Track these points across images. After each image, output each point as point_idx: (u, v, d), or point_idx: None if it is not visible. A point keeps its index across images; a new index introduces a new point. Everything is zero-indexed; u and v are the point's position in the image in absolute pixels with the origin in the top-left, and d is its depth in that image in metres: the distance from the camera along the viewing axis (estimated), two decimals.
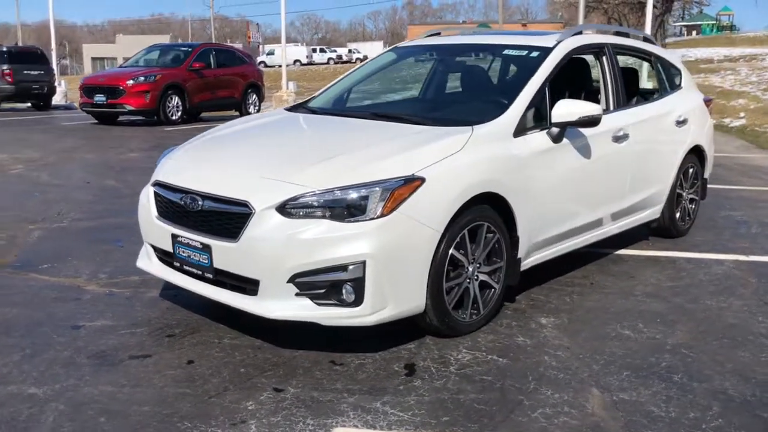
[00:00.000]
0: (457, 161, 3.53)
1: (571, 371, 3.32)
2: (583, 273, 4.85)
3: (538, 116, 4.18)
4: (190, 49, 16.44)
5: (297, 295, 3.24)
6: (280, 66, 27.93)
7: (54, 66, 24.75)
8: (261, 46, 73.14)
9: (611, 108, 4.83)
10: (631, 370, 3.34)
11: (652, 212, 5.40)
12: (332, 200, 3.23)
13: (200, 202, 3.47)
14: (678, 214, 5.70)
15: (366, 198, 3.22)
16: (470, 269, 3.68)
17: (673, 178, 5.46)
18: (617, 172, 4.73)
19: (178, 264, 3.66)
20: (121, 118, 15.68)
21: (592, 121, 4.10)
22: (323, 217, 3.21)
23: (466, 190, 3.50)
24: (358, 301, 3.22)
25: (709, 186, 6.29)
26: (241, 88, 17.35)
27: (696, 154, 5.79)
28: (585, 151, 4.35)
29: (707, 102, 6.03)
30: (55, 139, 12.92)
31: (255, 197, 3.29)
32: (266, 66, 57.90)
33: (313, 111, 4.69)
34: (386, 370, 3.31)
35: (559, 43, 4.53)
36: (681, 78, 5.84)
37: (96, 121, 15.96)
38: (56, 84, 22.53)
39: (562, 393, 3.10)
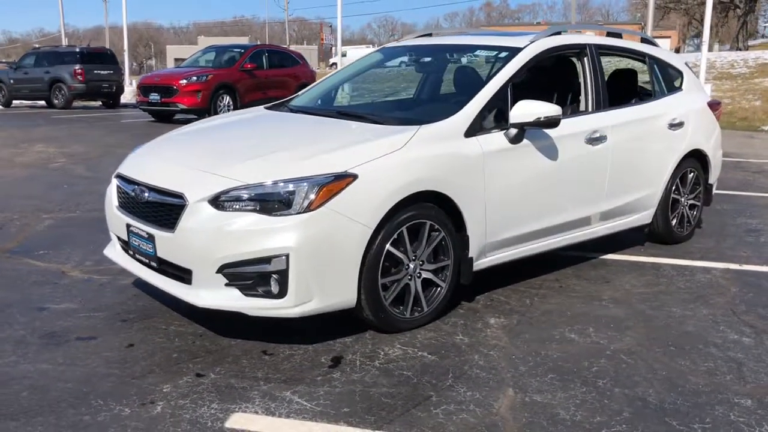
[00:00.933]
0: (395, 159, 3.57)
1: (496, 371, 3.32)
2: (557, 276, 4.79)
3: (498, 117, 4.17)
4: (243, 51, 16.90)
5: (226, 285, 3.36)
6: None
7: (126, 66, 25.93)
8: (334, 48, 74.29)
9: (590, 109, 4.75)
10: (558, 373, 3.31)
11: (642, 216, 5.27)
12: (261, 194, 3.33)
13: (146, 194, 3.64)
14: (675, 220, 5.54)
15: (293, 193, 3.31)
16: (411, 266, 3.71)
17: (665, 182, 5.31)
18: (592, 175, 4.65)
19: (131, 252, 3.85)
20: (177, 116, 16.27)
21: (551, 123, 4.06)
22: (252, 210, 3.32)
23: (403, 187, 3.53)
24: (282, 293, 3.31)
25: (737, 192, 6.08)
26: (293, 89, 17.64)
27: (697, 158, 5.60)
28: (550, 152, 4.30)
29: (714, 106, 5.83)
30: (107, 135, 13.56)
31: (190, 190, 3.43)
32: (336, 66, 58.74)
33: (291, 109, 4.80)
34: (312, 361, 3.39)
35: (530, 44, 4.49)
36: (682, 80, 5.66)
37: (153, 119, 16.62)
38: (125, 83, 23.56)
39: (475, 392, 3.11)
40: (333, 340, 3.64)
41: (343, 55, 70.75)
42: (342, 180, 3.39)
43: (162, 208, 3.54)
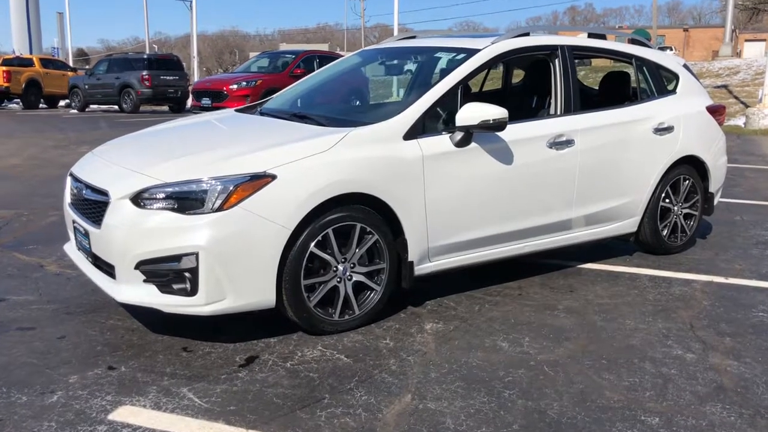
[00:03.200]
0: (319, 161, 3.56)
1: (404, 377, 3.26)
2: (522, 283, 4.66)
3: (447, 120, 4.10)
4: (294, 57, 17.21)
5: (145, 281, 3.43)
6: None
7: (194, 72, 26.85)
8: None
9: (558, 112, 4.60)
10: (467, 381, 3.22)
11: (625, 225, 5.05)
12: (177, 192, 3.39)
13: (84, 191, 3.76)
14: (666, 230, 5.29)
15: (206, 192, 3.35)
16: (340, 268, 3.69)
17: (651, 190, 5.08)
18: (556, 180, 4.50)
19: (77, 247, 3.99)
20: None
21: (497, 126, 3.96)
22: (169, 208, 3.38)
23: (326, 189, 3.52)
24: (194, 291, 3.36)
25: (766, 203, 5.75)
26: None
27: (692, 165, 5.33)
28: (503, 156, 4.19)
29: (714, 110, 5.53)
30: None
31: (114, 187, 3.53)
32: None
33: (261, 111, 4.86)
34: (226, 359, 3.42)
35: (489, 45, 4.40)
36: (677, 83, 5.40)
37: None
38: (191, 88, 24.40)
39: (371, 396, 3.06)
40: (258, 339, 3.66)
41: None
42: (258, 180, 3.41)
43: (94, 205, 3.65)
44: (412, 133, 3.90)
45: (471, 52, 4.35)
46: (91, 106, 24.69)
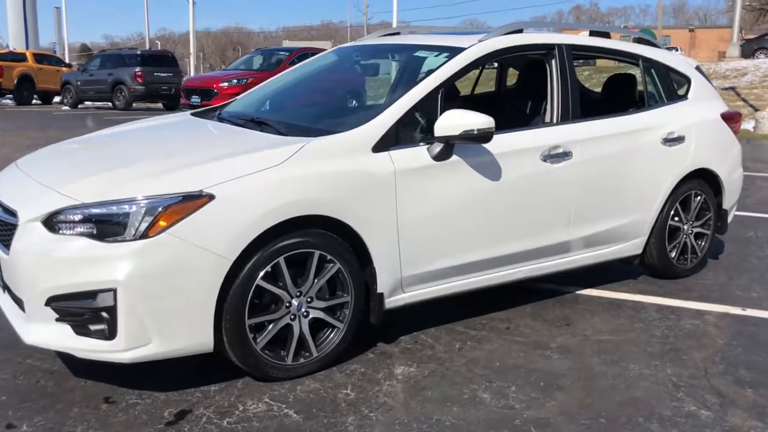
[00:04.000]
0: (268, 177, 3.01)
1: None
2: (510, 314, 4.10)
3: (425, 129, 3.55)
4: (288, 54, 16.66)
5: (58, 320, 2.89)
6: None
7: (190, 69, 26.30)
8: None
9: (554, 120, 4.04)
10: None
11: (628, 246, 4.49)
12: (95, 215, 2.84)
13: None
14: (674, 251, 4.73)
15: (128, 215, 2.81)
16: (294, 304, 3.14)
17: (659, 207, 4.52)
18: (551, 197, 3.94)
19: None
20: None
21: (481, 137, 3.41)
22: (86, 234, 2.83)
23: (276, 211, 2.98)
24: (112, 333, 2.81)
25: None
26: None
27: (705, 179, 4.77)
28: (489, 170, 3.64)
29: (730, 117, 4.96)
30: None
31: (24, 207, 2.99)
32: None
33: (219, 115, 4.30)
34: (153, 414, 2.87)
35: (476, 44, 3.84)
36: (689, 87, 4.84)
37: None
38: None
39: None
40: (196, 387, 3.11)
41: None
42: (193, 201, 2.86)
43: (4, 227, 3.11)
44: (383, 145, 3.35)
45: (455, 52, 3.80)
46: (86, 103, 24.18)
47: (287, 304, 3.13)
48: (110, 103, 22.67)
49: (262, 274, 3.01)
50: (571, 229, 4.09)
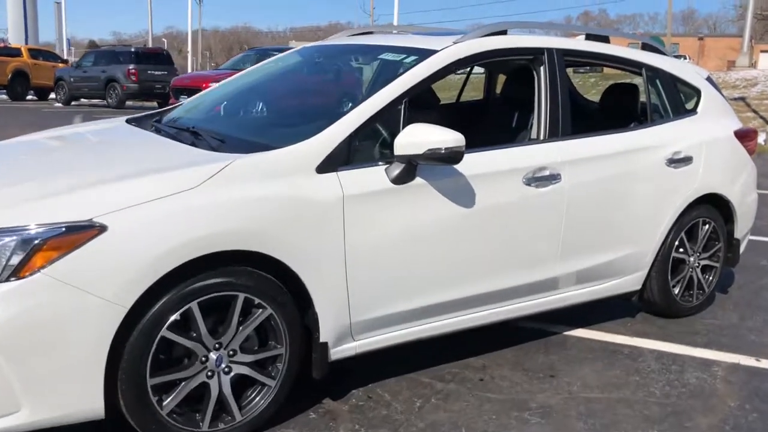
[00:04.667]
0: (179, 203, 2.45)
1: None
2: (487, 360, 3.53)
3: (383, 145, 2.99)
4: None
5: None
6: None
7: (189, 68, 25.78)
8: None
9: (541, 136, 3.47)
10: None
11: (626, 282, 3.92)
12: None
13: None
14: (678, 287, 4.15)
15: None
16: (212, 357, 2.58)
17: (662, 237, 3.94)
18: (534, 227, 3.37)
19: None
20: None
21: (450, 157, 2.84)
22: None
23: (187, 246, 2.41)
24: None
25: None
26: None
27: (714, 204, 4.19)
28: (461, 196, 3.07)
29: (744, 135, 4.38)
30: None
31: None
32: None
33: (157, 122, 3.73)
34: None
35: (450, 46, 3.27)
36: (698, 100, 4.26)
37: None
38: None
39: None
40: None
41: None
42: (79, 233, 2.30)
43: None
44: (331, 164, 2.79)
45: (424, 54, 3.23)
46: (82, 100, 23.65)
47: (203, 359, 2.57)
48: (104, 101, 22.16)
49: (169, 322, 2.45)
50: (559, 264, 3.52)
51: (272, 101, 3.73)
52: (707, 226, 4.19)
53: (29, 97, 25.67)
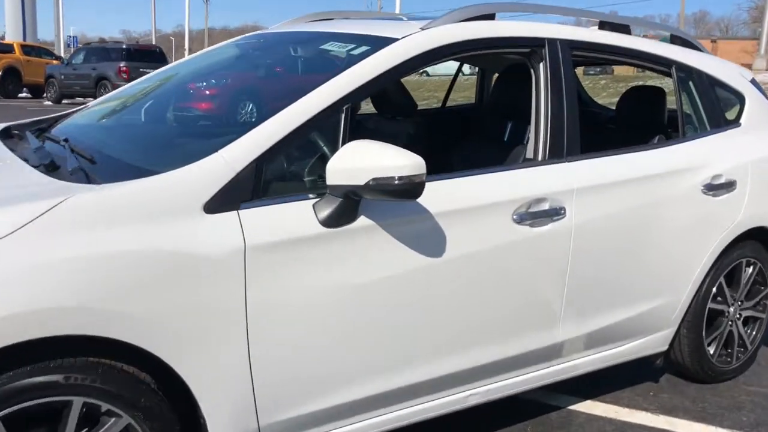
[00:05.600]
0: None
1: None
2: None
3: (311, 170, 2.11)
4: None
5: None
6: (440, 76, 26.38)
7: None
8: None
9: (540, 157, 2.59)
10: None
11: (648, 343, 3.04)
12: None
13: None
14: (714, 345, 3.28)
15: None
16: None
17: (695, 284, 3.06)
18: (528, 281, 2.49)
19: None
20: None
21: (405, 190, 1.96)
22: None
23: None
24: None
25: None
26: None
27: (761, 241, 3.31)
28: (424, 243, 2.20)
29: None
30: None
31: None
32: (428, 75, 56.23)
33: (45, 133, 2.86)
34: None
35: (414, 34, 2.39)
36: (742, 108, 3.36)
37: None
38: None
39: None
40: None
41: None
42: None
43: None
44: (229, 199, 1.92)
45: (379, 44, 2.35)
46: (76, 98, 22.80)
47: None
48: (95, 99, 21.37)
49: None
50: (562, 327, 2.64)
51: (182, 106, 2.84)
52: (752, 269, 3.31)
53: (22, 94, 24.92)
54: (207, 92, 2.84)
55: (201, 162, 1.92)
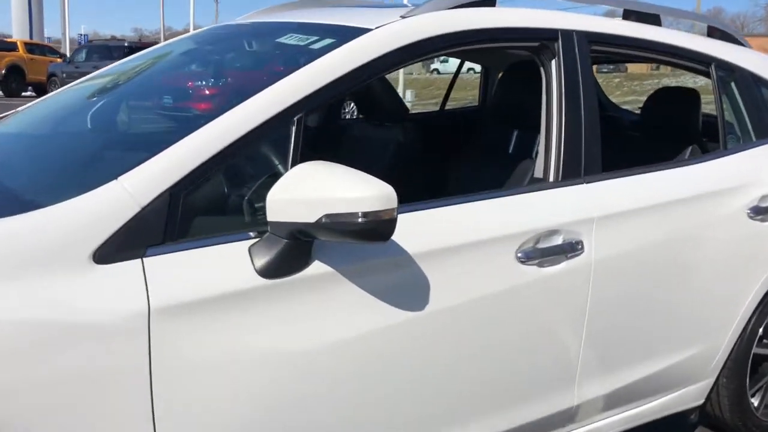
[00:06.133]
0: None
1: None
2: None
3: (251, 202, 1.61)
4: None
5: None
6: (452, 74, 25.64)
7: None
8: None
9: (552, 177, 2.07)
10: None
11: (681, 398, 2.53)
12: None
13: None
14: (758, 397, 2.75)
15: None
16: None
17: (737, 327, 2.54)
18: (533, 334, 1.98)
19: None
20: None
21: (370, 232, 1.46)
22: None
23: None
24: None
25: None
26: None
27: None
28: (399, 295, 1.70)
29: None
30: None
31: None
32: (438, 73, 55.45)
33: None
34: None
35: (393, 23, 1.88)
36: None
37: None
38: None
39: None
40: None
41: (444, 61, 68.34)
42: None
43: None
44: (129, 244, 1.42)
45: (346, 36, 1.84)
46: None
47: None
48: None
49: None
50: (577, 388, 2.13)
51: (106, 115, 2.28)
52: None
53: (26, 93, 24.60)
54: (132, 102, 2.27)
55: (92, 193, 1.43)
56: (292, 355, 1.55)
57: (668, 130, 2.84)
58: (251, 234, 1.57)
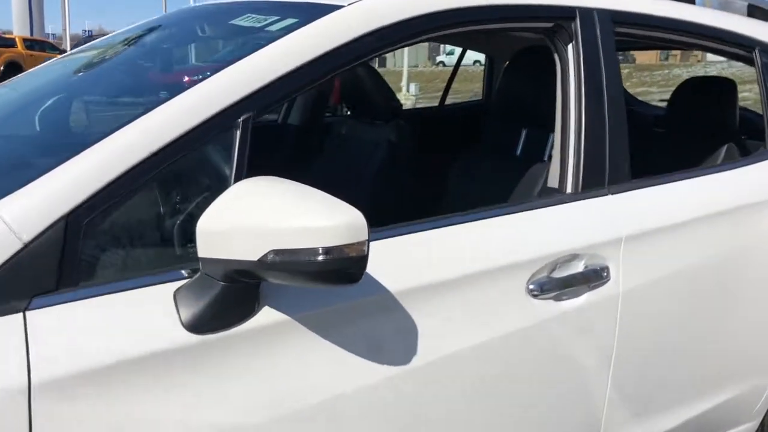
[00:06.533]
0: None
1: None
2: None
3: (180, 233, 1.24)
4: None
5: None
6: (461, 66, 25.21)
7: None
8: (442, 46, 70.67)
9: (569, 188, 1.69)
10: None
11: None
12: None
13: None
14: None
15: None
16: None
17: None
18: (551, 380, 1.61)
19: None
20: None
21: (333, 274, 1.09)
22: None
23: None
24: None
25: None
26: None
27: None
28: (380, 343, 1.32)
29: None
30: None
31: None
32: (444, 66, 54.54)
33: None
34: None
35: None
36: None
37: None
38: None
39: None
40: None
41: (450, 53, 67.79)
42: None
43: None
44: (5, 293, 1.05)
45: (312, 15, 1.46)
46: None
47: None
48: None
49: None
50: (617, 422, 1.75)
51: (48, 114, 1.92)
52: None
53: None
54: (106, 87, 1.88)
55: None
56: (231, 427, 1.18)
57: (700, 127, 2.45)
58: (184, 273, 1.20)
